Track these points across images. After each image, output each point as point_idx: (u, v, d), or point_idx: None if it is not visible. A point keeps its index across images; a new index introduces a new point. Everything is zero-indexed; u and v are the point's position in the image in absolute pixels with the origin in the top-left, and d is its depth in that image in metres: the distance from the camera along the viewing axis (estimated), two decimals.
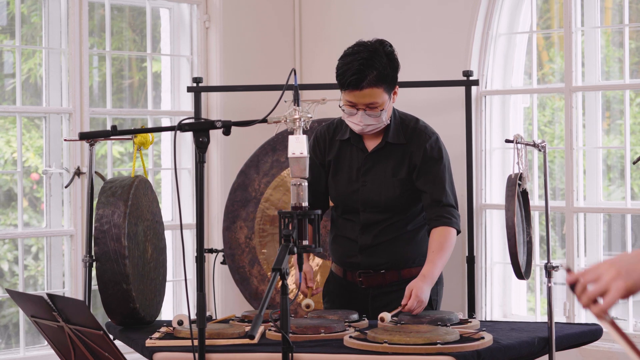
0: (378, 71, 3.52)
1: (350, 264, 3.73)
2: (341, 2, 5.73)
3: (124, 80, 5.78)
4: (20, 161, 5.04)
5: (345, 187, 3.70)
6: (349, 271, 3.74)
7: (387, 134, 3.67)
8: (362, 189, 3.67)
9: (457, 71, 5.13)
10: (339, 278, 3.79)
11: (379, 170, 3.67)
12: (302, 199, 2.98)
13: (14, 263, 5.42)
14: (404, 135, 3.68)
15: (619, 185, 5.26)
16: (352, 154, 3.72)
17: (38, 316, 3.03)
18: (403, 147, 3.67)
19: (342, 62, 3.57)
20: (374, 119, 3.57)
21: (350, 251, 3.71)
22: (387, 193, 3.66)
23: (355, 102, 3.55)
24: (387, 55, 3.56)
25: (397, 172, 3.66)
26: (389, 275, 3.69)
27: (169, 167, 5.62)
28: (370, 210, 3.68)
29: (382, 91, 3.53)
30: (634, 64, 5.12)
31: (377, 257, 3.69)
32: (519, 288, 5.33)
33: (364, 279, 3.70)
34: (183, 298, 5.55)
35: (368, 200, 3.67)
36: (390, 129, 3.67)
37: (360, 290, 3.72)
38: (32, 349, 5.11)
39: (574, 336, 3.43)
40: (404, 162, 3.66)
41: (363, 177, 3.68)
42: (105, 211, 3.53)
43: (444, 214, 3.61)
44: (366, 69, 3.50)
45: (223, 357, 3.10)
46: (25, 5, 5.23)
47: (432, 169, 3.65)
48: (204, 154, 2.93)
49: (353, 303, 3.70)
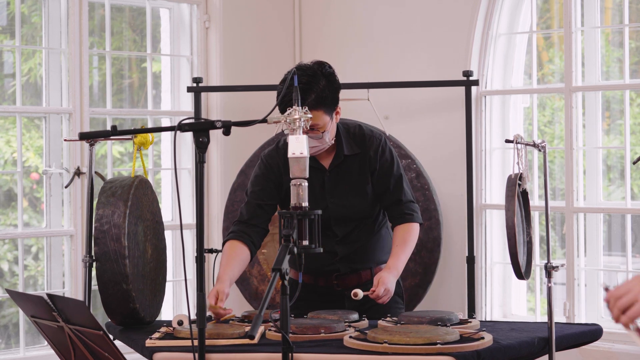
0: (316, 94, 3.52)
1: (328, 272, 3.78)
2: (341, 2, 5.74)
3: (124, 80, 5.78)
4: (20, 161, 5.04)
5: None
6: (321, 277, 3.79)
7: (340, 147, 3.70)
8: (331, 206, 3.70)
9: (457, 71, 5.13)
10: (309, 285, 3.79)
11: (343, 184, 3.72)
12: (302, 199, 2.98)
13: (14, 263, 5.42)
14: (355, 144, 3.72)
15: (619, 185, 5.26)
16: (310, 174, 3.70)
17: (38, 316, 3.03)
18: (359, 156, 3.72)
19: (281, 84, 3.55)
20: (316, 140, 3.59)
21: (328, 261, 3.75)
22: (358, 205, 3.73)
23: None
24: (326, 77, 3.57)
25: (360, 182, 3.72)
26: (364, 274, 3.78)
27: (169, 167, 5.62)
28: (343, 223, 3.73)
29: (322, 113, 3.55)
30: (633, 64, 5.12)
31: (354, 262, 3.77)
32: (519, 288, 5.33)
33: (339, 281, 3.77)
34: (183, 298, 5.55)
35: (339, 216, 3.72)
36: (342, 142, 3.70)
37: (334, 293, 3.77)
38: (32, 349, 5.11)
39: (574, 336, 3.43)
40: (364, 170, 3.72)
41: (329, 195, 3.71)
42: (105, 211, 3.53)
43: (405, 210, 3.75)
44: (304, 94, 3.46)
45: (223, 357, 3.10)
46: (25, 5, 5.23)
47: (388, 171, 3.73)
48: (204, 154, 2.93)
49: (328, 306, 3.72)
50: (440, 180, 5.23)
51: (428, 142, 5.34)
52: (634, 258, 5.06)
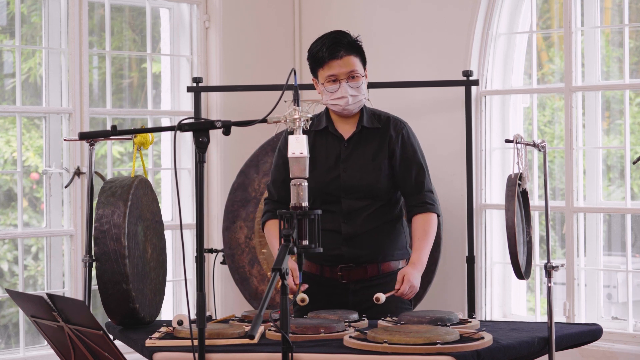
0: (349, 43, 3.67)
1: (332, 258, 3.72)
2: (341, 2, 5.74)
3: (123, 80, 5.78)
4: (20, 161, 5.04)
5: (324, 176, 3.73)
6: (327, 267, 3.75)
7: (361, 119, 3.76)
8: (343, 175, 3.71)
9: (457, 71, 5.13)
10: (314, 276, 3.77)
11: (358, 155, 3.73)
12: (302, 199, 2.98)
13: (13, 263, 5.42)
14: (378, 122, 3.77)
15: (619, 185, 5.26)
16: (328, 143, 3.77)
17: (38, 316, 3.03)
18: (379, 131, 3.75)
19: (313, 45, 3.72)
20: (356, 90, 3.67)
21: (332, 243, 3.69)
22: (368, 178, 3.71)
23: (337, 74, 3.65)
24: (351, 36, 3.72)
25: (376, 157, 3.73)
26: (370, 268, 3.73)
27: (169, 167, 5.62)
28: (352, 197, 3.71)
29: (358, 60, 3.68)
30: (633, 63, 5.13)
31: (360, 248, 3.71)
32: (519, 288, 5.33)
33: (344, 273, 3.72)
34: (183, 298, 5.55)
35: (349, 187, 3.71)
36: (363, 115, 3.76)
37: (339, 286, 3.73)
38: (32, 349, 5.11)
39: (574, 336, 3.43)
40: (382, 147, 3.74)
41: (343, 164, 3.73)
42: (105, 211, 3.53)
43: (426, 200, 3.75)
44: (339, 41, 3.66)
45: (223, 357, 3.10)
46: (25, 5, 5.23)
47: (412, 157, 3.76)
48: (204, 154, 2.93)
49: (332, 299, 3.70)
50: (440, 180, 5.23)
51: (428, 142, 5.32)
52: (633, 258, 5.06)
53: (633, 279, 4.99)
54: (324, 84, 3.68)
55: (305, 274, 3.81)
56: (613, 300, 5.25)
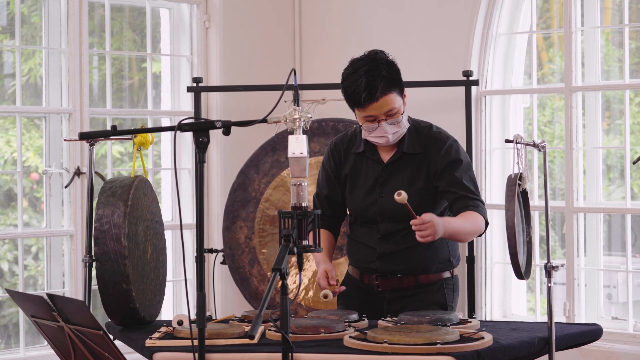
0: (386, 78, 3.52)
1: (368, 269, 3.73)
2: (341, 2, 5.74)
3: (123, 80, 5.78)
4: (20, 161, 5.04)
5: (362, 199, 3.71)
6: (365, 274, 3.75)
7: (401, 144, 3.66)
8: (380, 200, 3.67)
9: (457, 71, 5.13)
10: (355, 280, 3.79)
11: (396, 181, 3.66)
12: (302, 199, 2.98)
13: (13, 263, 5.42)
14: (418, 144, 3.67)
15: (619, 185, 5.26)
16: (368, 167, 3.72)
17: (38, 316, 3.04)
18: (419, 156, 3.66)
19: (347, 82, 3.55)
20: (395, 126, 3.58)
21: (368, 257, 3.71)
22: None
23: (375, 115, 3.55)
24: (386, 62, 3.57)
25: (414, 182, 3.64)
26: (406, 280, 3.69)
27: (169, 167, 5.62)
28: (389, 221, 3.66)
29: (395, 95, 3.55)
30: (633, 64, 5.13)
31: (395, 264, 3.68)
32: (519, 288, 5.33)
33: (380, 282, 3.70)
34: (183, 298, 5.55)
35: (386, 212, 3.66)
36: (405, 139, 3.66)
37: (376, 293, 3.72)
38: (32, 349, 5.11)
39: (574, 336, 3.43)
40: (420, 171, 3.65)
41: (380, 189, 3.67)
42: (105, 211, 3.53)
43: (470, 203, 3.59)
44: (375, 80, 3.50)
45: (223, 357, 3.10)
46: (25, 5, 5.23)
47: (453, 171, 3.61)
48: (204, 154, 2.93)
49: (368, 305, 3.69)
50: None
51: None
52: (634, 258, 5.06)
53: (633, 279, 4.99)
54: (363, 123, 3.59)
55: (348, 276, 3.86)
56: (613, 300, 5.26)
